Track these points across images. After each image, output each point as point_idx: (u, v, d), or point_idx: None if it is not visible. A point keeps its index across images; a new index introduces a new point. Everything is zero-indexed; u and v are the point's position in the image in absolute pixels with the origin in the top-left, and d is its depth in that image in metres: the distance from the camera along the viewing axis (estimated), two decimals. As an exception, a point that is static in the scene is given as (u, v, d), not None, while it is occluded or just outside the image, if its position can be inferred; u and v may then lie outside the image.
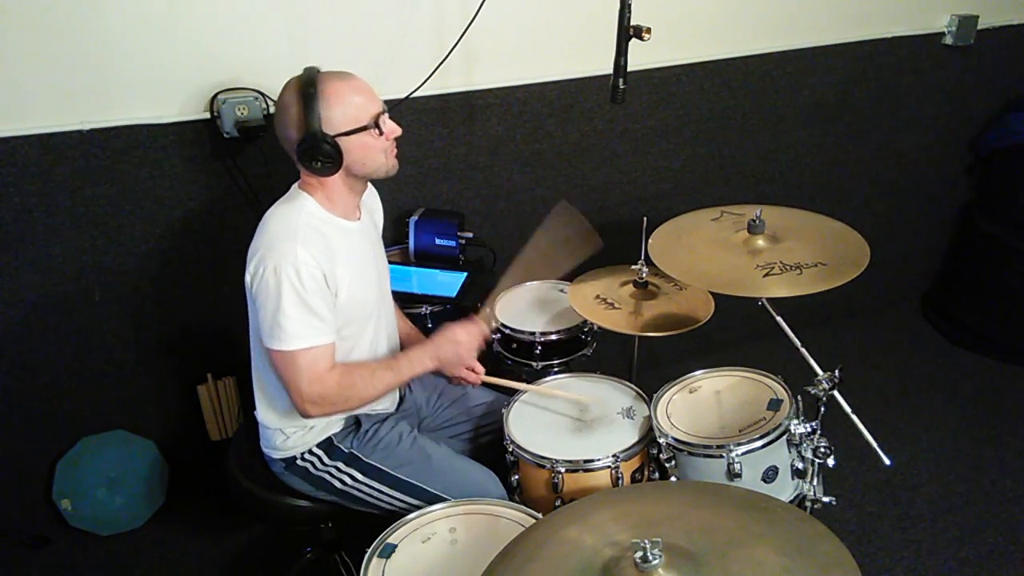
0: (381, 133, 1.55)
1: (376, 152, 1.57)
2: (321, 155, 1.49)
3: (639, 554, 1.08)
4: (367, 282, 1.66)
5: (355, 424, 1.74)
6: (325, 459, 1.70)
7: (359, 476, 1.69)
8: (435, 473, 1.68)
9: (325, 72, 1.53)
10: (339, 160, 1.51)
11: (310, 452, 1.70)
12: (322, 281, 1.50)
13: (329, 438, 1.71)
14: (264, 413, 1.69)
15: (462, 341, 1.70)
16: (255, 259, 1.50)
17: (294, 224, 1.52)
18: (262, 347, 1.55)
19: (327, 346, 1.53)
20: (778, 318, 1.72)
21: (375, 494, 1.69)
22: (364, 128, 1.53)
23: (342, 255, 1.56)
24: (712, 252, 1.86)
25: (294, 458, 1.70)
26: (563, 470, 1.63)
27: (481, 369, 1.79)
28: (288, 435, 1.68)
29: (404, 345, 1.91)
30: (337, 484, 1.70)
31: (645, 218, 1.97)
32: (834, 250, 1.80)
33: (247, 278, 1.51)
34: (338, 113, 1.49)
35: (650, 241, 1.93)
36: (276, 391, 1.64)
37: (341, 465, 1.69)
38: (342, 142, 1.50)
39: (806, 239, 1.85)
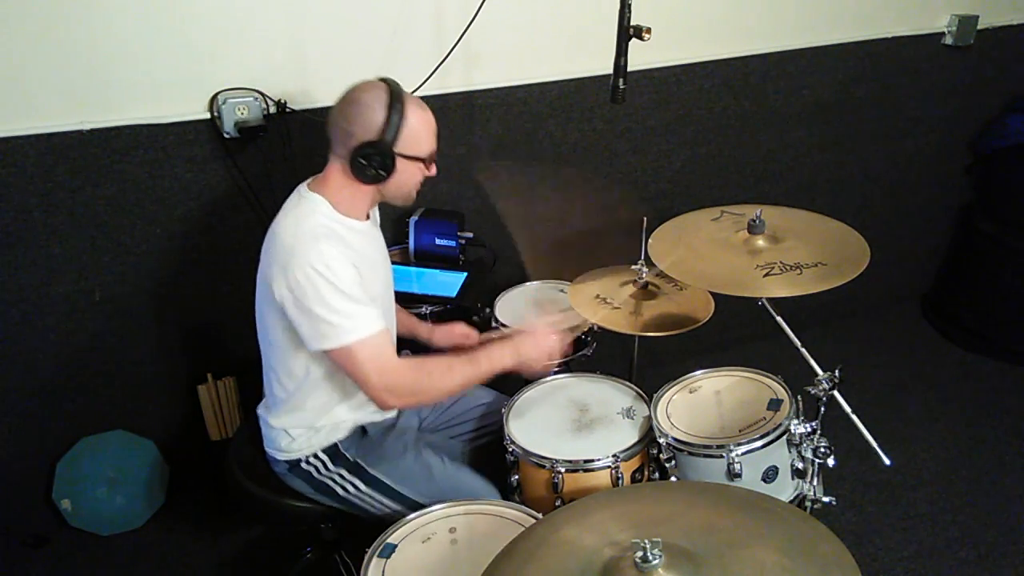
0: (427, 170, 1.61)
1: (413, 183, 1.62)
2: (378, 165, 1.52)
3: (639, 554, 1.08)
4: (378, 281, 1.67)
5: (361, 432, 1.74)
6: (329, 465, 1.70)
7: (361, 486, 1.69)
8: (437, 487, 1.68)
9: (408, 94, 1.56)
10: (389, 176, 1.54)
11: (315, 456, 1.70)
12: (355, 272, 1.51)
13: (335, 444, 1.71)
14: (270, 414, 1.70)
15: (546, 347, 1.71)
16: (284, 271, 1.47)
17: (311, 225, 1.52)
18: (315, 351, 1.52)
19: (382, 333, 1.52)
20: (778, 318, 1.72)
21: (376, 504, 1.70)
22: (420, 160, 1.58)
23: (358, 252, 1.57)
24: (712, 252, 1.86)
25: (298, 460, 1.70)
26: (563, 470, 1.63)
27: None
28: (293, 437, 1.68)
29: (404, 335, 1.92)
30: (339, 491, 1.70)
31: (645, 218, 1.97)
32: (834, 250, 1.80)
33: (279, 291, 1.48)
34: (410, 138, 1.53)
35: (650, 241, 1.93)
36: (288, 392, 1.65)
37: (344, 473, 1.69)
38: (399, 162, 1.54)
39: (806, 239, 1.85)
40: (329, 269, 1.46)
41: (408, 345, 1.95)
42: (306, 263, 1.46)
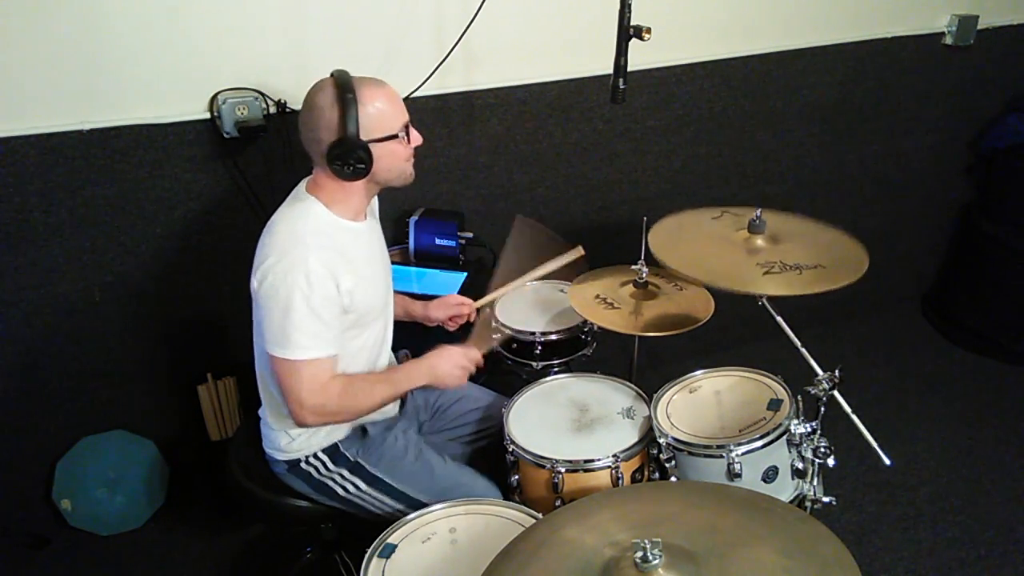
0: (408, 142, 1.58)
1: (401, 160, 1.59)
2: (354, 160, 1.50)
3: (639, 554, 1.08)
4: (376, 281, 1.67)
5: (361, 431, 1.74)
6: (329, 465, 1.69)
7: (362, 485, 1.69)
8: (438, 486, 1.68)
9: (359, 77, 1.53)
10: (370, 166, 1.52)
11: (314, 456, 1.69)
12: (333, 291, 1.50)
13: (335, 444, 1.71)
14: (269, 414, 1.69)
15: (459, 363, 1.70)
16: (264, 265, 1.49)
17: (303, 230, 1.52)
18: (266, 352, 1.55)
19: (331, 358, 1.54)
20: (778, 318, 1.72)
21: (377, 503, 1.69)
22: (395, 136, 1.55)
23: (352, 257, 1.56)
24: (712, 248, 1.86)
25: (297, 461, 1.70)
26: (563, 470, 1.63)
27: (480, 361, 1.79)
28: (293, 437, 1.68)
29: (400, 317, 1.92)
30: (339, 491, 1.70)
31: (645, 218, 1.97)
32: (833, 256, 1.80)
33: (254, 283, 1.51)
34: (374, 120, 1.51)
35: (650, 233, 1.93)
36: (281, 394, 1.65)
37: (345, 473, 1.69)
38: (374, 148, 1.51)
39: (805, 243, 1.85)
40: (309, 284, 1.46)
41: (406, 330, 1.95)
42: (290, 270, 1.46)
